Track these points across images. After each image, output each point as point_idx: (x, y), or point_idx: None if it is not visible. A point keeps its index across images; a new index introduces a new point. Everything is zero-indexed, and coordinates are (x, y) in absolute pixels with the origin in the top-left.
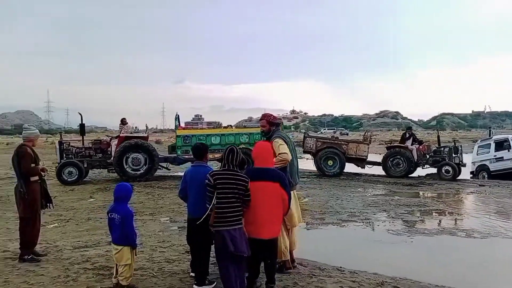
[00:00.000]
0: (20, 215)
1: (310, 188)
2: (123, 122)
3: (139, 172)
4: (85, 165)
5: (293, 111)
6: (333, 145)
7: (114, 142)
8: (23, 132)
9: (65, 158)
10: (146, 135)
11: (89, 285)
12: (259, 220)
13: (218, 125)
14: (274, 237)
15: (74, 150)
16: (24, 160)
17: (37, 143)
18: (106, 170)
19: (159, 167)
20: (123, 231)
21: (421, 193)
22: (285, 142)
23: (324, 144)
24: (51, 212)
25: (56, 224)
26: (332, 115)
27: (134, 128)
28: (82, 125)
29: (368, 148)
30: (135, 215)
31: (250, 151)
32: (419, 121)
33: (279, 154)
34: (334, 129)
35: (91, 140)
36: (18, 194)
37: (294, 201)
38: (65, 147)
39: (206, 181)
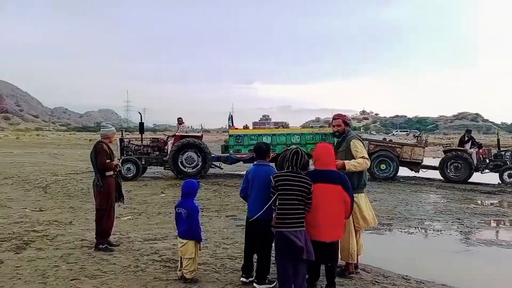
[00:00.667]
0: (96, 206)
1: (378, 193)
2: (180, 121)
3: (192, 170)
4: (143, 162)
5: (363, 112)
6: (387, 148)
7: (171, 141)
8: (101, 129)
9: (125, 155)
10: (200, 134)
11: (156, 276)
12: (319, 222)
13: (285, 126)
14: (335, 240)
15: (133, 148)
16: (100, 156)
17: (114, 139)
18: (163, 167)
19: (212, 166)
20: (189, 226)
21: (500, 201)
22: (362, 142)
23: (377, 147)
24: (126, 206)
25: (129, 217)
26: (405, 116)
27: (190, 127)
28: (141, 124)
29: (423, 151)
30: (202, 211)
31: (301, 152)
32: (502, 124)
33: (362, 157)
34: (407, 131)
35: (150, 138)
36: (95, 187)
37: (366, 202)
38: (125, 145)
39: (270, 182)
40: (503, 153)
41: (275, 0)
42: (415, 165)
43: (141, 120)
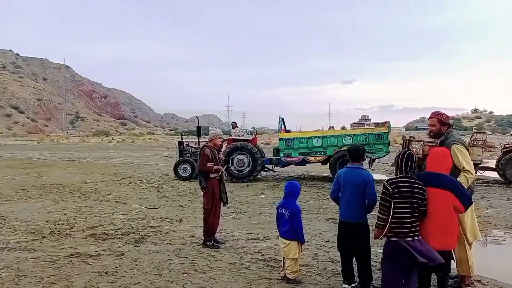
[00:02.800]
0: (203, 206)
1: (494, 198)
2: (234, 125)
3: (243, 173)
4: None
5: (475, 110)
6: None
7: (225, 144)
8: (209, 133)
9: (183, 157)
10: (251, 137)
11: (260, 275)
12: (426, 228)
13: (380, 124)
14: (445, 249)
15: (190, 150)
16: (201, 159)
17: (220, 143)
18: None
19: (265, 169)
20: (291, 226)
21: None
22: (465, 148)
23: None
24: (229, 205)
25: (233, 216)
26: None
27: (245, 130)
28: (198, 128)
29: (483, 152)
30: (301, 213)
31: None
32: None
33: (466, 171)
34: None
35: (206, 141)
36: (200, 188)
37: (470, 213)
38: (183, 147)
39: (383, 189)
40: None
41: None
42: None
43: (198, 124)
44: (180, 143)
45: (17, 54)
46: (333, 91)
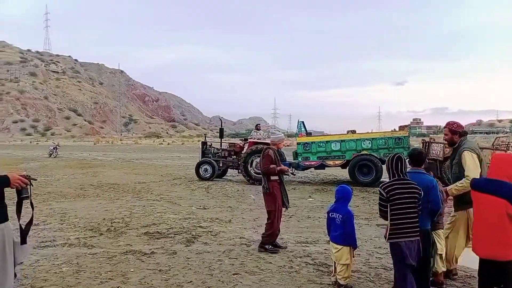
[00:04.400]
0: (267, 209)
1: None
2: (257, 128)
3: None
4: (221, 165)
5: None
6: None
7: (246, 146)
8: (271, 136)
9: (205, 157)
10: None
11: (310, 279)
12: (476, 234)
13: (439, 130)
14: (492, 258)
15: (213, 151)
16: (264, 161)
17: (282, 146)
18: (237, 171)
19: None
20: (344, 231)
21: None
22: (477, 156)
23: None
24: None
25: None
26: None
27: (266, 134)
28: (221, 130)
29: None
30: None
31: (373, 157)
32: None
33: (467, 177)
34: None
35: (228, 143)
36: (262, 190)
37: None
38: (206, 147)
39: (379, 195)
40: None
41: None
42: None
43: (221, 125)
44: (203, 143)
45: (76, 60)
46: (384, 93)
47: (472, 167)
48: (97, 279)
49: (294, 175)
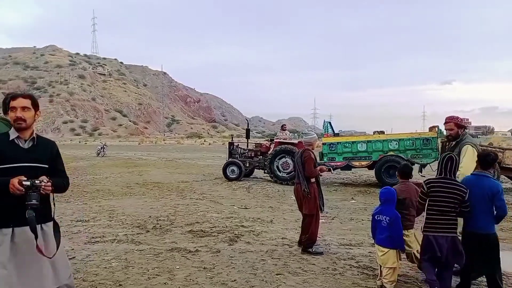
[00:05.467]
0: (305, 212)
1: None
2: (283, 128)
3: (287, 175)
4: (247, 165)
5: None
6: None
7: (272, 146)
8: (304, 136)
9: (232, 158)
10: (297, 141)
11: (355, 282)
12: None
13: (489, 130)
14: None
15: (240, 151)
16: (308, 164)
17: (315, 146)
18: (263, 171)
19: None
20: (390, 234)
21: None
22: (477, 150)
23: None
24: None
25: (323, 220)
26: None
27: (291, 134)
28: (247, 130)
29: None
30: None
31: (400, 159)
32: None
33: (460, 168)
34: None
35: (254, 143)
36: (301, 194)
37: None
38: (233, 148)
39: (421, 188)
40: None
41: None
42: None
43: (247, 126)
44: (230, 144)
45: (121, 63)
46: (430, 92)
47: (469, 163)
48: (144, 275)
49: (332, 172)
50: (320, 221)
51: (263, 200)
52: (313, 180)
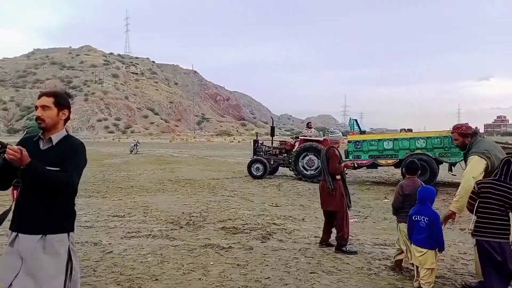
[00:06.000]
0: (335, 209)
1: None
2: (308, 126)
3: (312, 173)
4: (272, 163)
5: None
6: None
7: (297, 144)
8: (330, 134)
9: (256, 156)
10: (322, 138)
11: (391, 282)
12: None
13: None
14: None
15: (264, 149)
16: (332, 160)
17: (341, 144)
18: (288, 168)
19: None
20: (430, 234)
21: None
22: (486, 159)
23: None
24: (352, 208)
25: (355, 220)
26: None
27: (316, 132)
28: (272, 128)
29: None
30: None
31: (427, 157)
32: None
33: (463, 177)
34: None
35: (279, 141)
36: (326, 190)
37: None
38: (258, 145)
39: (472, 188)
40: None
41: None
42: None
43: (272, 124)
44: (255, 142)
45: (153, 62)
46: (465, 89)
47: (469, 170)
48: (180, 270)
49: (356, 168)
50: (352, 220)
51: (294, 198)
52: (338, 177)
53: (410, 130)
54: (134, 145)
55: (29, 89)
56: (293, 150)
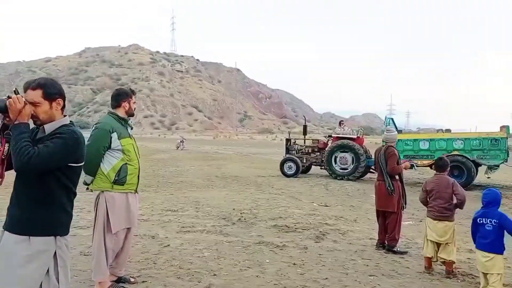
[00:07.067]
0: (389, 210)
1: None
2: (341, 124)
3: (346, 171)
4: (304, 161)
5: None
6: None
7: (330, 142)
8: (385, 133)
9: (289, 154)
10: (355, 136)
11: None
12: None
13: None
14: None
15: (296, 148)
16: (391, 160)
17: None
18: (321, 167)
19: (371, 171)
20: (497, 238)
21: None
22: None
23: None
24: (407, 211)
25: (411, 222)
26: None
27: (350, 130)
28: (304, 127)
29: None
30: None
31: (466, 159)
32: None
33: None
34: None
35: (312, 139)
36: (384, 191)
37: None
38: (290, 144)
39: None
40: None
41: None
42: None
43: (305, 123)
44: (287, 140)
45: (197, 60)
46: None
47: None
48: (236, 266)
49: (415, 169)
50: (407, 222)
51: (343, 199)
52: (397, 177)
53: (448, 131)
54: (180, 141)
55: (81, 86)
56: (326, 148)
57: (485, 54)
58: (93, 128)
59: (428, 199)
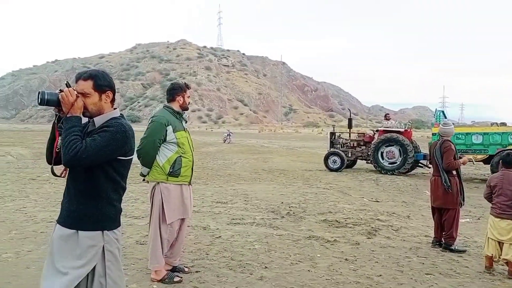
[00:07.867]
0: (447, 207)
1: None
2: (387, 117)
3: (395, 165)
4: (349, 155)
5: None
6: None
7: (376, 135)
8: (442, 126)
9: (333, 148)
10: (403, 129)
11: None
12: None
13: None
14: None
15: (341, 141)
16: (448, 155)
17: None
18: (366, 161)
19: (419, 165)
20: None
21: None
22: None
23: None
24: (463, 208)
25: (468, 220)
26: None
27: (397, 123)
28: (350, 120)
29: None
30: None
31: None
32: None
33: None
34: None
35: (357, 133)
36: (441, 187)
37: None
38: (334, 138)
39: None
40: None
41: None
42: None
43: (350, 116)
44: (332, 134)
45: (243, 54)
46: None
47: None
48: (287, 260)
49: (429, 167)
50: (464, 220)
51: (395, 194)
52: (454, 172)
53: (504, 124)
54: (227, 135)
55: (132, 81)
56: (372, 142)
57: None
58: (149, 121)
59: (491, 195)
